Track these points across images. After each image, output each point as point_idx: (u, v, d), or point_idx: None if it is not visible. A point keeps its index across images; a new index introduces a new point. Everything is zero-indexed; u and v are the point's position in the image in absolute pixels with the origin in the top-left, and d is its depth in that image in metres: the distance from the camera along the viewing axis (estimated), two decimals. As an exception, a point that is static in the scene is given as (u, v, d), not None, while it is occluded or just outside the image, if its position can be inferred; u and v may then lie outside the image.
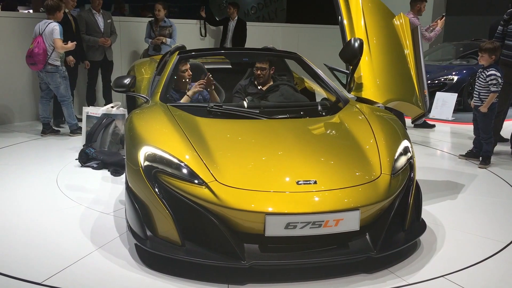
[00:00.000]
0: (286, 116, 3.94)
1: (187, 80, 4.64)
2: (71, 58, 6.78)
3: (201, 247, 3.01)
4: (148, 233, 3.13)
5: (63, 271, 3.07)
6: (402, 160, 3.48)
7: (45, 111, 6.52)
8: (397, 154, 3.47)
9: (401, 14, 5.00)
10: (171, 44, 7.63)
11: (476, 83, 5.64)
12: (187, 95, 4.42)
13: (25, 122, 7.45)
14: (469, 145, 6.12)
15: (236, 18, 9.28)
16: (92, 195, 4.46)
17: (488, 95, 5.46)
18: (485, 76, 5.49)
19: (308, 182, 3.08)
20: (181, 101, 4.38)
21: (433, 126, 7.85)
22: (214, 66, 5.32)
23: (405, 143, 3.63)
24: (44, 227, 3.77)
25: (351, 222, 2.99)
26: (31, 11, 10.57)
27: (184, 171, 3.11)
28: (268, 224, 2.89)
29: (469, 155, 5.92)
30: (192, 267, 3.04)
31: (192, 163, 3.14)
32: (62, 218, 3.92)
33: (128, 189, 3.37)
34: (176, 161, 3.16)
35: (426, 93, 4.69)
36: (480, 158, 5.71)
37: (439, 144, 6.86)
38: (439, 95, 8.73)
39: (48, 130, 6.59)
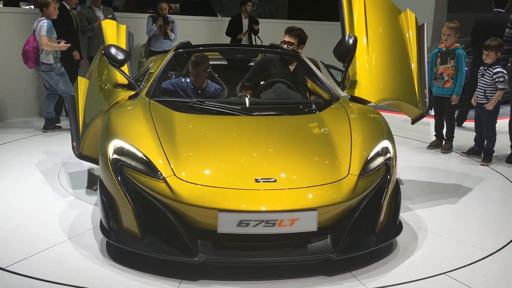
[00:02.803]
0: (266, 113, 3.87)
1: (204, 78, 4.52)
2: (75, 53, 6.91)
3: (159, 241, 3.01)
4: (113, 225, 3.16)
5: (28, 259, 3.13)
6: (377, 161, 3.33)
7: (49, 106, 6.47)
8: (371, 154, 3.33)
9: (407, 10, 4.81)
10: (174, 40, 7.66)
11: (481, 81, 5.48)
12: None
13: (27, 118, 7.32)
14: (471, 142, 5.94)
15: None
16: (87, 186, 4.55)
17: (494, 93, 5.34)
18: (491, 73, 5.34)
19: (268, 180, 3.01)
20: None
21: None
22: (213, 62, 5.28)
23: (384, 143, 3.48)
24: (25, 213, 3.87)
25: (307, 223, 2.90)
26: (32, 7, 10.79)
27: (146, 165, 3.11)
28: (221, 220, 2.85)
29: (471, 153, 5.80)
30: (150, 260, 3.03)
31: (154, 157, 3.14)
32: (47, 207, 4.01)
33: (100, 181, 3.42)
34: (140, 155, 3.17)
35: (426, 93, 4.49)
36: (482, 155, 5.60)
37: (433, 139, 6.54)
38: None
39: (50, 126, 6.52)
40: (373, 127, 3.69)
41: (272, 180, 3.01)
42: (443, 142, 6.08)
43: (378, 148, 3.41)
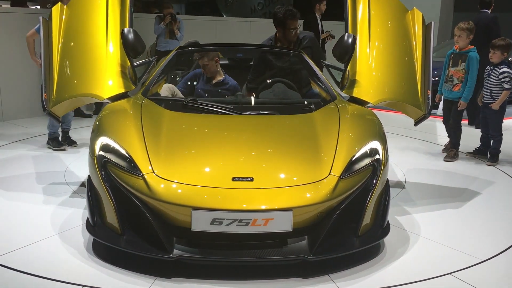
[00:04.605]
0: (257, 112, 3.84)
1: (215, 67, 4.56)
2: None
3: (137, 238, 3.02)
4: (97, 220, 3.19)
5: (15, 251, 3.20)
6: (363, 162, 3.23)
7: (52, 120, 5.46)
8: (357, 155, 3.25)
9: (414, 9, 4.68)
10: (180, 39, 7.69)
11: (487, 81, 5.37)
12: None
13: (34, 118, 7.30)
14: (477, 142, 5.80)
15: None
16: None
17: (500, 93, 5.25)
18: (497, 73, 5.25)
19: (244, 179, 2.98)
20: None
21: None
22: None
23: (373, 144, 3.39)
24: (20, 208, 3.95)
25: (282, 223, 2.84)
26: (38, 7, 10.93)
27: (127, 162, 3.13)
28: (194, 218, 2.84)
29: (477, 153, 5.70)
30: (131, 257, 3.02)
31: (136, 155, 3.15)
32: (43, 201, 4.09)
33: (88, 177, 3.46)
34: (123, 152, 3.19)
35: (429, 94, 4.35)
36: (488, 155, 5.52)
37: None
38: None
39: (53, 144, 5.71)
40: (363, 128, 3.60)
41: (249, 179, 2.98)
42: (448, 149, 5.72)
43: (365, 148, 3.32)
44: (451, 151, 5.65)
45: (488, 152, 5.56)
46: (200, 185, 2.94)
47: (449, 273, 3.06)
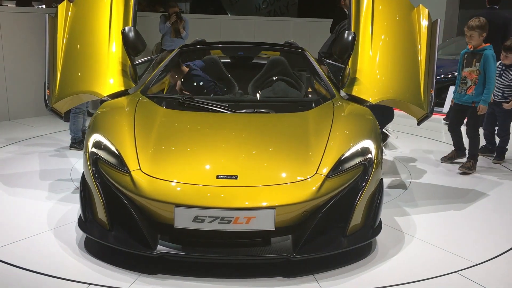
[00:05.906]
0: (252, 111, 3.82)
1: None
2: None
3: (124, 234, 3.04)
4: (88, 216, 3.22)
5: (8, 245, 3.25)
6: (354, 161, 3.17)
7: (73, 124, 5.65)
8: (347, 154, 3.18)
9: (420, 6, 4.58)
10: (185, 38, 7.70)
11: (498, 81, 5.18)
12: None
13: (39, 117, 7.31)
14: (483, 140, 5.62)
15: None
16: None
17: None
18: (510, 76, 5.13)
19: (229, 177, 2.97)
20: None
21: None
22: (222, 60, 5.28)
23: (366, 143, 3.32)
24: (20, 201, 4.02)
25: (264, 221, 2.81)
26: (43, 6, 11.01)
27: (116, 158, 3.15)
28: (177, 215, 2.83)
29: (482, 151, 5.55)
30: (119, 253, 3.04)
31: (125, 151, 3.16)
32: (46, 197, 4.15)
33: (82, 173, 3.51)
34: (113, 149, 3.22)
35: (432, 93, 4.24)
36: (495, 153, 5.45)
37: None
38: (452, 89, 7.91)
39: (75, 144, 5.69)
40: (357, 127, 3.52)
41: (234, 177, 2.96)
42: (466, 158, 5.17)
43: (356, 147, 3.25)
44: (469, 161, 5.04)
45: (494, 149, 5.50)
46: (184, 182, 2.94)
47: (444, 275, 2.98)
